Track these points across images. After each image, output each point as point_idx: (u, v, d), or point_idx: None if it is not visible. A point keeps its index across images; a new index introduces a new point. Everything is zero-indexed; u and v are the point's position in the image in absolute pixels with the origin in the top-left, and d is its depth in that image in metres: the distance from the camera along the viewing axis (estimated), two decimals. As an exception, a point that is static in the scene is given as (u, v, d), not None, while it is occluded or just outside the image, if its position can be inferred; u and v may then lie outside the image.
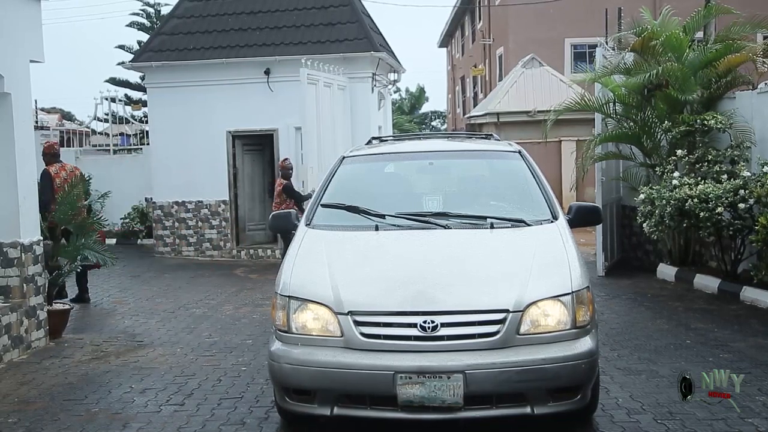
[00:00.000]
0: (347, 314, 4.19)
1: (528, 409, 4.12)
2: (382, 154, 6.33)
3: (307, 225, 5.13)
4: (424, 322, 4.10)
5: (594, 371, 4.34)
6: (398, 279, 4.40)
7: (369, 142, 6.89)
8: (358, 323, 4.17)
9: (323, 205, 5.30)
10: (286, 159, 11.67)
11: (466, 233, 4.89)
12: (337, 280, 4.37)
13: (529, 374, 4.06)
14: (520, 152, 5.81)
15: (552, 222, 4.97)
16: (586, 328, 4.28)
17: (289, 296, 4.39)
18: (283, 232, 5.47)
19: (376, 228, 4.92)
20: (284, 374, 4.30)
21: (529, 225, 4.92)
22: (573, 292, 4.26)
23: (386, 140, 7.12)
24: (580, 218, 5.23)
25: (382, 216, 5.02)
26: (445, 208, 5.18)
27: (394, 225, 4.98)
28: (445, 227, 4.89)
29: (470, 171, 6.02)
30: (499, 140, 6.76)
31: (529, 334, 4.15)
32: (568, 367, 4.11)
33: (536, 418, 4.19)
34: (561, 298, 4.23)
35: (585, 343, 4.20)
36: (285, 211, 5.58)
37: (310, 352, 4.23)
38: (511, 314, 4.12)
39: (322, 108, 12.08)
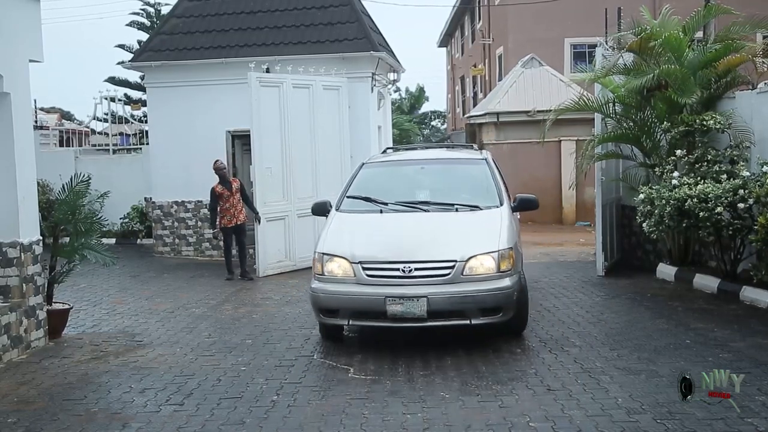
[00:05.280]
0: (358, 263, 6.72)
1: (467, 321, 6.59)
2: (389, 161, 8.88)
3: (336, 210, 7.68)
4: (404, 267, 6.60)
5: (510, 299, 6.65)
6: (391, 242, 7.01)
7: (384, 152, 9.79)
8: (364, 268, 6.70)
9: (348, 197, 7.84)
10: (217, 160, 12.01)
11: (439, 215, 7.42)
12: (353, 243, 6.95)
13: (468, 299, 6.53)
14: (485, 159, 8.28)
15: (497, 208, 7.40)
16: (507, 272, 6.69)
17: (323, 253, 6.96)
18: (321, 215, 7.98)
19: (381, 211, 7.47)
20: (320, 300, 6.87)
21: (481, 209, 7.40)
22: (499, 250, 6.71)
23: (397, 149, 10.04)
24: (521, 205, 7.82)
25: (385, 203, 7.56)
26: (429, 198, 7.67)
27: (393, 209, 7.51)
28: (426, 211, 7.46)
29: (449, 173, 8.43)
30: (475, 149, 9.76)
31: (470, 275, 6.60)
32: (491, 295, 6.56)
33: (474, 327, 6.69)
34: (491, 254, 6.69)
35: (504, 282, 6.64)
36: (323, 200, 8.13)
37: (336, 286, 6.81)
38: (458, 263, 6.59)
39: (289, 109, 12.14)
